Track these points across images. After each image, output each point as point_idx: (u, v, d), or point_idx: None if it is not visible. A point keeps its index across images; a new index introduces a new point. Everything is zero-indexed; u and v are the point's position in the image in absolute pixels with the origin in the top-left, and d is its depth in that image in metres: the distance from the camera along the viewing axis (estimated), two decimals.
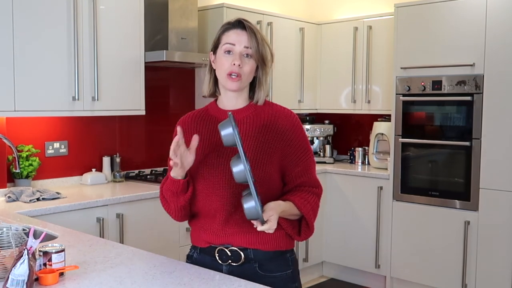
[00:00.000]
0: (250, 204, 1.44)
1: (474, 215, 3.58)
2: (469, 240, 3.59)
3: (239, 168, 1.44)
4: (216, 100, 1.73)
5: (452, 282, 3.68)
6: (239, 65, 1.59)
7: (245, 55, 1.61)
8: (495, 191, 3.48)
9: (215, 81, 1.69)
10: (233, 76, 1.60)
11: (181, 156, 1.52)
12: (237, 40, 1.61)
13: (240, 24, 1.63)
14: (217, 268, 1.63)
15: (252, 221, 1.48)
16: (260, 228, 1.46)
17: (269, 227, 1.46)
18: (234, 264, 1.63)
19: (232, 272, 1.62)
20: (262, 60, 1.63)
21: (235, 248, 1.62)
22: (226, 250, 1.63)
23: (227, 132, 1.45)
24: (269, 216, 1.47)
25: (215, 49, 1.66)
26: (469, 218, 3.60)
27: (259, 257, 1.63)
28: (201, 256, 1.70)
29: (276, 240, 1.64)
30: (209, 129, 1.68)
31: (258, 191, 1.46)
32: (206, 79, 1.71)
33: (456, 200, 3.67)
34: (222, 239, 1.63)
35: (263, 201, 1.53)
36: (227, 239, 1.63)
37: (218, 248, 1.64)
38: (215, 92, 1.71)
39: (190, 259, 1.75)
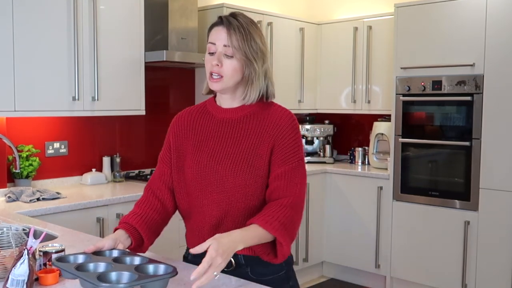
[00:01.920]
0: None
1: (474, 215, 3.58)
2: (469, 240, 3.59)
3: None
4: (215, 96, 1.68)
5: (452, 282, 3.68)
6: (217, 65, 1.52)
7: (226, 54, 1.52)
8: (495, 191, 3.48)
9: None
10: (214, 77, 1.54)
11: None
12: (216, 38, 1.54)
13: (221, 21, 1.55)
14: None
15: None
16: (195, 277, 1.26)
17: (209, 260, 1.27)
18: (226, 269, 1.55)
19: None
20: (248, 57, 1.52)
21: None
22: None
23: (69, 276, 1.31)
24: (204, 248, 1.30)
25: None
26: (469, 218, 3.60)
27: (250, 262, 1.58)
28: (195, 258, 1.64)
29: (266, 245, 1.53)
30: (205, 126, 1.64)
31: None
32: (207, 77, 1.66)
33: (456, 200, 3.67)
34: None
35: (247, 207, 1.51)
36: None
37: None
38: (212, 90, 1.65)
39: (185, 260, 1.72)
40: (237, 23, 1.54)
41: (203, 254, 1.51)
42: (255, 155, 1.54)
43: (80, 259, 1.40)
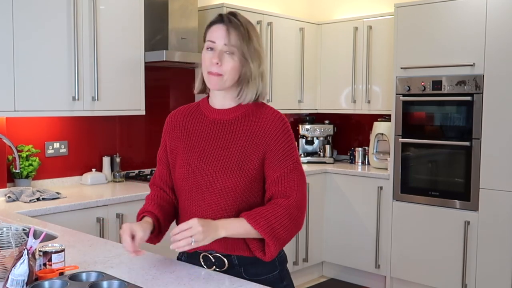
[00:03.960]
0: None
1: (474, 215, 3.58)
2: (469, 240, 3.59)
3: None
4: (208, 96, 1.68)
5: (452, 282, 3.68)
6: (217, 63, 1.51)
7: (226, 52, 1.52)
8: (495, 191, 3.48)
9: None
10: (213, 74, 1.53)
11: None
12: (217, 36, 1.53)
13: (222, 19, 1.56)
14: None
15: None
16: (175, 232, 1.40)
17: (190, 224, 1.40)
18: (219, 269, 1.59)
19: None
20: (247, 56, 1.53)
21: (219, 255, 1.59)
22: (210, 256, 1.60)
23: None
24: (186, 225, 1.40)
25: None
26: (469, 218, 3.60)
27: (244, 262, 1.58)
28: (189, 260, 1.67)
29: (258, 242, 1.55)
30: (197, 126, 1.63)
31: None
32: (199, 76, 1.65)
33: (456, 200, 3.67)
34: (206, 245, 1.51)
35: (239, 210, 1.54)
36: (209, 246, 1.53)
37: (202, 254, 1.61)
38: (205, 89, 1.66)
39: (179, 261, 1.72)
40: (237, 21, 1.54)
41: (194, 257, 1.61)
42: (246, 158, 1.53)
43: (57, 285, 1.39)
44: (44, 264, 1.51)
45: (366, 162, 4.54)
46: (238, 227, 1.47)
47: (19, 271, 1.36)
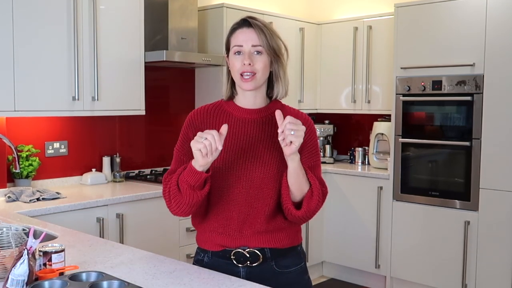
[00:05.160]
0: None
1: (474, 215, 3.58)
2: (469, 240, 3.59)
3: None
4: (232, 99, 1.69)
5: (452, 282, 3.68)
6: (250, 64, 1.57)
7: (255, 53, 1.58)
8: (495, 191, 3.48)
9: (233, 82, 1.67)
10: (246, 76, 1.57)
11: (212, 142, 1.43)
12: (244, 39, 1.59)
13: (245, 22, 1.61)
14: (233, 271, 1.61)
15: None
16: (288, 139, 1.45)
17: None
18: (252, 265, 1.62)
19: (250, 273, 1.61)
20: (275, 54, 1.61)
21: (253, 249, 1.61)
22: (243, 252, 1.61)
23: None
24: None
25: (227, 51, 1.65)
26: (469, 218, 3.60)
27: (276, 254, 1.64)
28: (213, 260, 1.66)
29: (290, 236, 1.67)
30: (223, 123, 1.63)
31: None
32: (224, 82, 1.68)
33: (456, 200, 3.67)
34: (239, 241, 1.62)
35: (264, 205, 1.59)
36: (244, 241, 1.61)
37: (234, 251, 1.62)
38: (232, 93, 1.68)
39: (200, 263, 1.68)
40: (258, 23, 1.61)
41: (222, 256, 1.62)
42: (279, 152, 1.56)
43: (57, 285, 1.39)
44: (44, 264, 1.51)
45: (366, 162, 4.54)
46: (301, 167, 1.55)
47: (19, 271, 1.36)
